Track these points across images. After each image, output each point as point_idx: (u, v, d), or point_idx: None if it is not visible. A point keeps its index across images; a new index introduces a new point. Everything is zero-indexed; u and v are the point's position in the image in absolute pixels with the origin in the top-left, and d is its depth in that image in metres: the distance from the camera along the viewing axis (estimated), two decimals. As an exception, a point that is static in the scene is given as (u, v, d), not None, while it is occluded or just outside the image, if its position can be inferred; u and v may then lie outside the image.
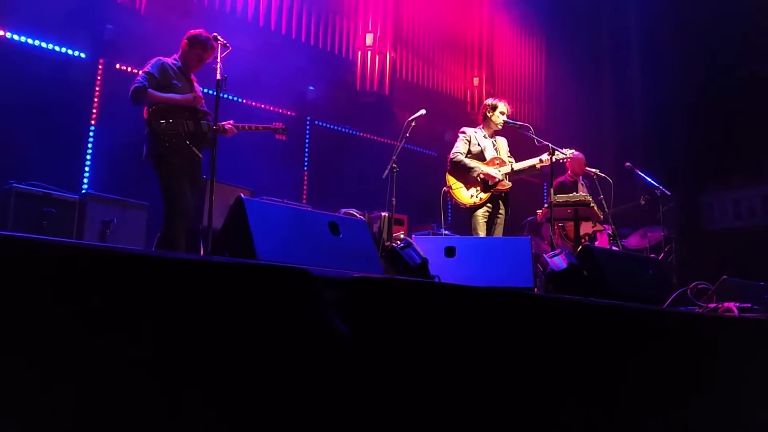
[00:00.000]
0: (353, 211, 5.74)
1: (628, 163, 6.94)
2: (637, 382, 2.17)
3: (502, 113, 5.34)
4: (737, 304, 3.17)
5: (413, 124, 5.27)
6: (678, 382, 2.32)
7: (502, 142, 5.44)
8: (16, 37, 5.86)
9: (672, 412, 2.26)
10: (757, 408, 2.55)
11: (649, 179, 6.75)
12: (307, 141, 8.32)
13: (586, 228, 5.79)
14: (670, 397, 2.27)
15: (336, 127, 8.66)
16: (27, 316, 1.21)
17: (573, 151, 5.33)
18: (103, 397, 1.24)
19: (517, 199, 5.54)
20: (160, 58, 4.39)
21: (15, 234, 1.28)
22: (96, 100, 6.31)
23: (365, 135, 8.83)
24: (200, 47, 4.42)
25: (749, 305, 3.20)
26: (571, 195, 5.50)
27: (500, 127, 5.36)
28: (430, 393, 1.61)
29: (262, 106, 7.69)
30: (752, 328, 2.75)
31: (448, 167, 5.31)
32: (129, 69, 6.42)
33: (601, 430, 2.02)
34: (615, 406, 2.09)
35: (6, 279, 1.20)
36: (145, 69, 4.30)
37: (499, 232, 5.20)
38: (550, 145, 4.98)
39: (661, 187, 6.69)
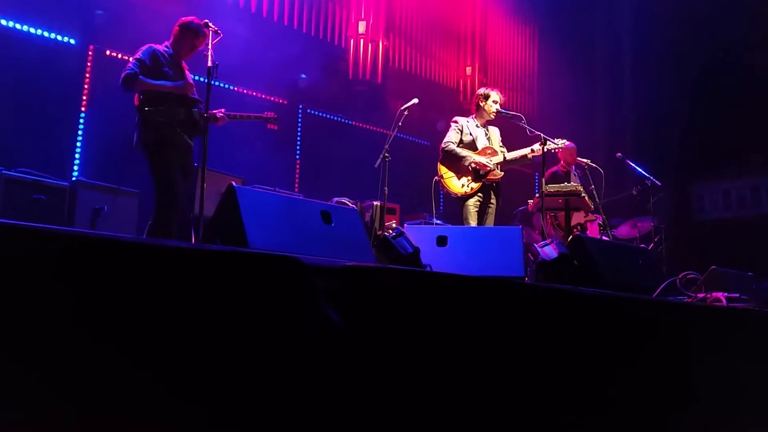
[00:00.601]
0: (345, 200, 5.74)
1: (619, 154, 6.97)
2: (627, 371, 2.19)
3: (495, 102, 5.34)
4: (726, 294, 3.20)
5: (406, 113, 5.26)
6: (668, 372, 2.34)
7: (494, 132, 5.44)
8: (3, 22, 5.78)
9: (663, 400, 2.29)
10: (745, 397, 2.58)
11: (640, 170, 6.77)
12: (299, 129, 8.29)
13: (578, 218, 5.82)
14: (660, 385, 2.29)
15: (328, 116, 8.63)
16: (14, 305, 1.20)
17: (565, 141, 5.34)
18: (94, 388, 1.24)
19: (508, 188, 5.55)
20: (152, 44, 4.35)
21: (3, 221, 1.28)
22: (86, 86, 6.26)
23: (357, 124, 8.81)
24: (192, 34, 4.38)
25: (737, 295, 3.23)
26: (562, 185, 5.52)
27: (493, 116, 5.35)
28: (421, 382, 1.62)
29: (254, 93, 7.65)
30: (740, 318, 2.78)
31: (440, 156, 5.32)
32: (119, 55, 6.37)
33: (594, 421, 2.04)
34: (606, 395, 2.11)
35: (-4, 266, 1.20)
36: (137, 56, 4.26)
37: (490, 221, 5.22)
38: (542, 135, 4.99)
39: (651, 178, 6.72)
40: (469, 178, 5.15)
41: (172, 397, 1.31)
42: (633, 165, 6.80)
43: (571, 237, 3.76)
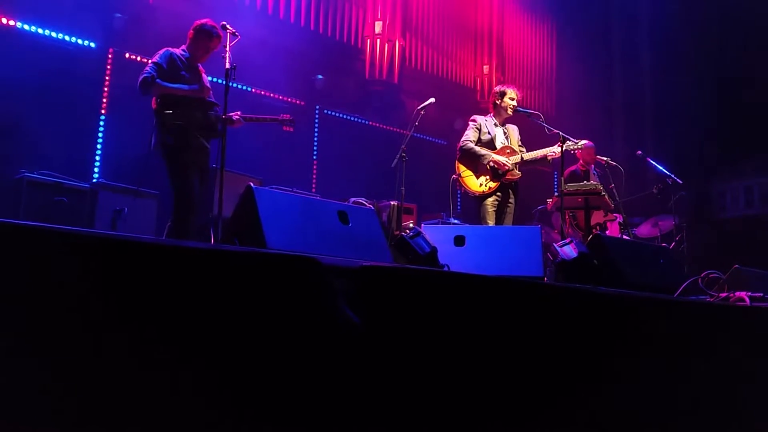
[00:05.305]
0: (362, 200, 5.74)
1: (639, 152, 6.89)
2: (648, 370, 2.17)
3: (512, 99, 5.31)
4: (749, 294, 3.14)
5: (422, 112, 5.25)
6: (689, 371, 2.31)
7: (513, 131, 5.40)
8: (26, 26, 5.87)
9: (681, 398, 2.26)
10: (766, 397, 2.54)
11: (661, 167, 6.69)
12: (316, 130, 8.32)
13: (597, 217, 5.76)
14: (681, 385, 2.26)
15: (345, 116, 8.65)
16: (37, 304, 1.22)
17: (584, 141, 5.29)
18: (114, 387, 1.25)
19: (527, 187, 5.52)
20: (169, 48, 4.39)
21: (26, 222, 1.29)
22: (106, 89, 6.33)
23: (374, 124, 8.82)
24: (206, 37, 4.40)
25: (761, 294, 3.17)
26: (582, 184, 5.47)
27: (511, 113, 5.32)
28: (439, 382, 1.61)
29: (271, 95, 7.69)
30: (764, 318, 2.73)
31: (458, 155, 5.29)
32: (138, 58, 6.43)
33: (613, 419, 2.02)
34: (626, 395, 2.09)
35: (16, 267, 1.21)
36: (154, 59, 4.30)
37: (508, 221, 5.18)
38: (560, 133, 4.94)
39: (672, 176, 6.63)
40: (488, 177, 5.12)
41: (189, 398, 1.32)
42: (653, 163, 6.72)
43: (590, 236, 3.72)
